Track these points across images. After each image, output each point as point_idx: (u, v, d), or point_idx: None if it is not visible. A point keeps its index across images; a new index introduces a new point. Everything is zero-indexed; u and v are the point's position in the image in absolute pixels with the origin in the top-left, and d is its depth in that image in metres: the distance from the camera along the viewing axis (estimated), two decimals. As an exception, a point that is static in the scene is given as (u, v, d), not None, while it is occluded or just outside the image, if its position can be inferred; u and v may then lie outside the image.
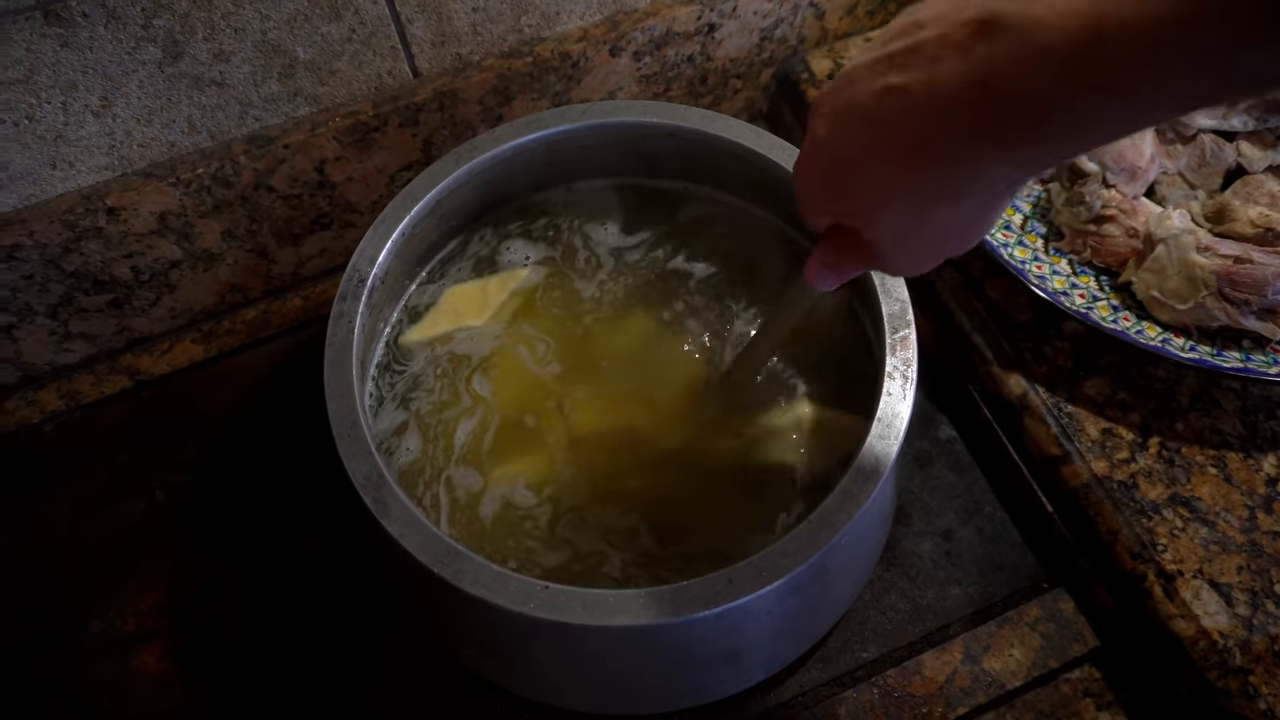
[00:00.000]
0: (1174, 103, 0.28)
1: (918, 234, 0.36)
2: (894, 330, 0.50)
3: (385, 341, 0.59)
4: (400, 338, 0.59)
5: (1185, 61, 0.26)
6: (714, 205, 0.63)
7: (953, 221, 0.35)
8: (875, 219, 0.36)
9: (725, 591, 0.43)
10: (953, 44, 0.30)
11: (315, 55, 0.60)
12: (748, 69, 0.74)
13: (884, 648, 0.57)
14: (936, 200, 0.34)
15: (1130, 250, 0.61)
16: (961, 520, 0.61)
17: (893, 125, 0.32)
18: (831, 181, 0.36)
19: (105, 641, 0.59)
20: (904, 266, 0.39)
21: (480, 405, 0.57)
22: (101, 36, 0.54)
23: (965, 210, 0.34)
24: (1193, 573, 0.53)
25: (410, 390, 0.57)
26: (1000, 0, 0.29)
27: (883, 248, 0.37)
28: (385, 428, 0.56)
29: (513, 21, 0.65)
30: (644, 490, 0.54)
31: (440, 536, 0.45)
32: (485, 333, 0.59)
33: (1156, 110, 0.29)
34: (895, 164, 0.33)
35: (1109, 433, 0.58)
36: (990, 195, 0.34)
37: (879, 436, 0.47)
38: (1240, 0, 0.25)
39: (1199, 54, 0.26)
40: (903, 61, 0.32)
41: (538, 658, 0.50)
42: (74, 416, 0.67)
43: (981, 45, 0.29)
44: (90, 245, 0.61)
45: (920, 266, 0.39)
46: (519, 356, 0.58)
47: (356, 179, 0.66)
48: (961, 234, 0.36)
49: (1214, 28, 0.25)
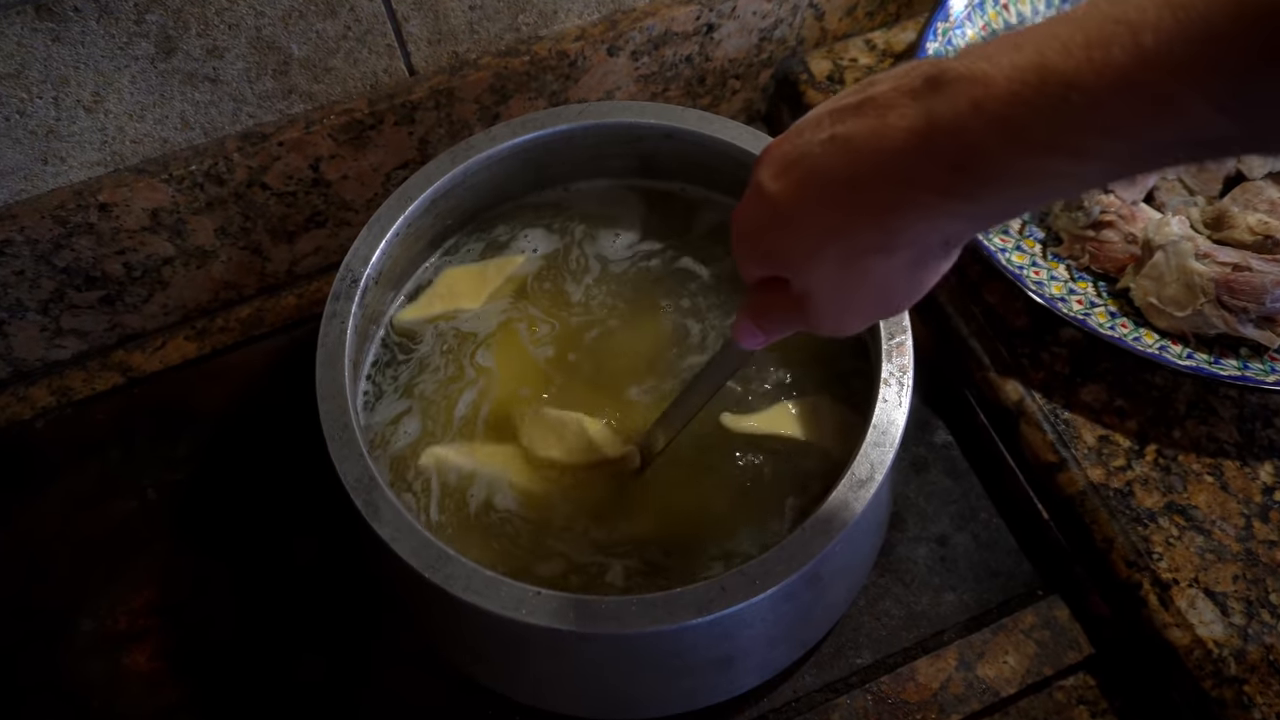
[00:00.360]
0: (1114, 165, 0.29)
1: (848, 287, 0.36)
2: (890, 336, 0.50)
3: (381, 341, 0.59)
4: (395, 316, 0.59)
5: (1123, 123, 0.27)
6: (711, 207, 0.63)
7: (885, 275, 0.35)
8: (807, 267, 0.36)
9: (718, 599, 0.43)
10: (901, 95, 0.31)
11: (310, 52, 0.60)
12: (746, 70, 0.74)
13: (878, 654, 0.56)
14: (870, 249, 0.34)
15: (1128, 256, 0.60)
16: (957, 526, 0.60)
17: (834, 170, 0.33)
18: (769, 228, 0.36)
19: (96, 640, 0.58)
20: (831, 323, 0.39)
21: (482, 376, 0.57)
22: (93, 31, 0.53)
23: (898, 264, 0.34)
24: (1188, 581, 0.53)
25: (416, 375, 0.57)
26: (952, 59, 0.30)
27: (812, 300, 0.37)
28: (382, 419, 0.56)
29: (510, 20, 0.64)
30: (635, 496, 0.54)
31: (432, 541, 0.45)
32: (491, 309, 0.59)
33: (1095, 172, 0.29)
34: (832, 209, 0.33)
35: (1105, 440, 0.58)
36: (923, 250, 0.34)
37: (874, 443, 0.47)
38: (1182, 59, 0.25)
39: (1140, 114, 0.26)
40: (853, 112, 0.33)
41: (529, 663, 0.50)
42: (65, 413, 0.66)
43: (927, 98, 0.30)
44: (82, 241, 0.61)
45: (847, 326, 0.38)
46: (518, 334, 0.58)
47: (352, 177, 0.66)
48: (891, 293, 0.36)
49: (1154, 86, 0.26)
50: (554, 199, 0.63)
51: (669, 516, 0.53)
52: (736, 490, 0.53)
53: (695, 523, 0.53)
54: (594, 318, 0.59)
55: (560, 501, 0.53)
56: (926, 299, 0.36)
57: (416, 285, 0.61)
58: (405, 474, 0.54)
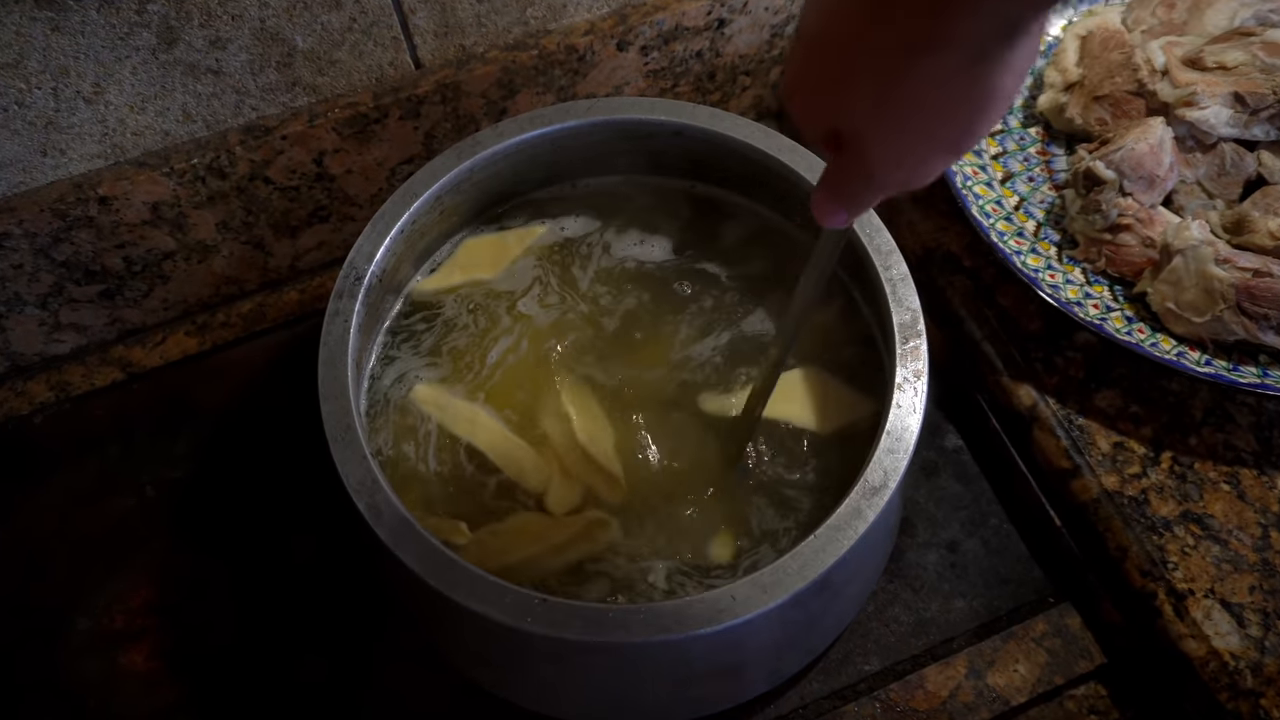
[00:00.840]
0: None
1: (902, 105, 0.32)
2: (905, 340, 0.49)
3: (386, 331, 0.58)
4: (414, 288, 0.59)
5: None
6: (722, 205, 0.62)
7: (939, 84, 0.30)
8: (851, 94, 0.32)
9: (729, 609, 0.42)
10: None
11: (314, 44, 0.59)
12: (757, 65, 0.72)
13: (886, 661, 0.56)
14: (915, 45, 0.30)
15: (1146, 260, 0.59)
16: (967, 532, 0.60)
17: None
18: (817, 66, 0.33)
19: (93, 638, 0.58)
20: (893, 165, 0.34)
21: (519, 324, 0.58)
22: (94, 21, 0.52)
23: (952, 65, 0.30)
24: (1204, 592, 0.52)
25: (443, 337, 0.58)
26: None
27: (867, 140, 0.33)
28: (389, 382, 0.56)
29: (518, 13, 0.63)
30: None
31: (436, 546, 0.44)
32: (522, 265, 0.60)
33: None
34: (871, 13, 0.30)
35: (1120, 446, 0.57)
36: (980, 42, 0.29)
37: (887, 450, 0.46)
38: None
39: None
40: None
41: (533, 669, 0.49)
42: (64, 408, 0.66)
43: None
44: (81, 235, 0.60)
45: (912, 168, 0.34)
46: (553, 287, 0.59)
47: (356, 171, 0.65)
48: (952, 110, 0.32)
49: None
50: (561, 195, 0.63)
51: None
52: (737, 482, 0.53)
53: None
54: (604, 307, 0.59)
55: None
56: (939, 303, 0.34)
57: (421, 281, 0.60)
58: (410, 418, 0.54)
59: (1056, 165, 0.66)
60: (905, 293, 0.51)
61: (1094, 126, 0.65)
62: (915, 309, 0.50)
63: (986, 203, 0.62)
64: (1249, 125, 0.62)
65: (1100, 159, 0.60)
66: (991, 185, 0.64)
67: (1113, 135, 0.62)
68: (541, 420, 0.55)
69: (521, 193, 0.62)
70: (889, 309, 0.50)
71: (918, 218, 0.66)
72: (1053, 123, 0.67)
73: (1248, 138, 0.62)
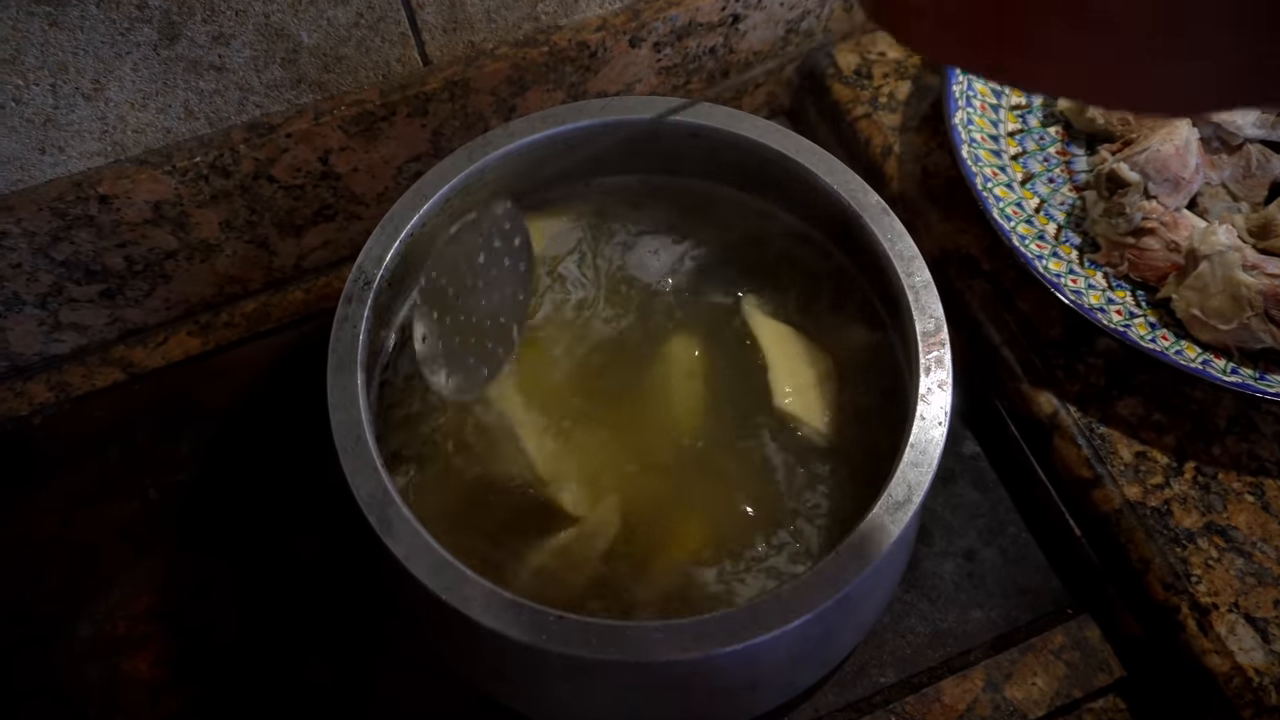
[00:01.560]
0: None
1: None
2: (928, 350, 0.48)
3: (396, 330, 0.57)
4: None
5: None
6: (735, 206, 0.61)
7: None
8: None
9: (750, 627, 0.41)
10: None
11: (320, 40, 0.57)
12: (771, 62, 0.71)
13: (902, 673, 0.55)
14: None
15: (1170, 265, 0.58)
16: (985, 541, 0.59)
17: None
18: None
19: (94, 645, 0.57)
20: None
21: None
22: (93, 15, 0.51)
23: None
24: (1228, 606, 0.51)
25: None
26: None
27: None
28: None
29: (529, 8, 0.62)
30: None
31: (449, 560, 0.43)
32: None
33: None
34: None
35: (1143, 456, 0.56)
36: None
37: (911, 464, 0.45)
38: None
39: None
40: None
41: (547, 684, 0.48)
42: (64, 409, 0.64)
43: None
44: (81, 234, 0.59)
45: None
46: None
47: (362, 170, 0.64)
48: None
49: None
50: (573, 195, 0.61)
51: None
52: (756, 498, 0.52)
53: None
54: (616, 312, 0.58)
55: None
56: (958, 307, 0.32)
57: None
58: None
59: (1077, 166, 0.65)
60: (929, 300, 0.49)
61: (1116, 126, 0.63)
62: (939, 317, 0.49)
63: (1007, 205, 0.61)
64: (1276, 126, 0.60)
65: (1125, 160, 0.59)
66: (1012, 187, 0.62)
67: (1136, 135, 0.61)
68: (560, 426, 0.53)
69: (532, 192, 0.60)
70: (911, 317, 0.49)
71: (935, 219, 0.65)
72: (1073, 122, 0.66)
73: (1274, 139, 0.61)
